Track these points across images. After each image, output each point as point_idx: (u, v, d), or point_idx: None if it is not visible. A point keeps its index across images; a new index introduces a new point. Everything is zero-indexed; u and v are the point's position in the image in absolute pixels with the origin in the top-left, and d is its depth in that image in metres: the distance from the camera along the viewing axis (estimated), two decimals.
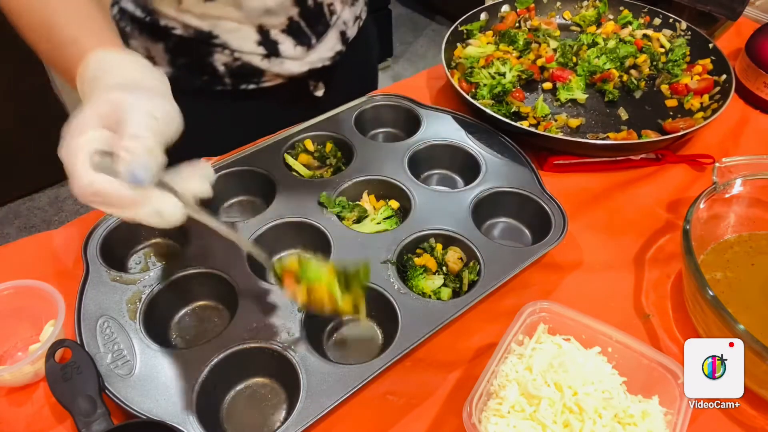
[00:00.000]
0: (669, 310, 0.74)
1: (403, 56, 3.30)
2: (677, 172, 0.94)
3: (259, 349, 0.66)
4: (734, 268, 0.75)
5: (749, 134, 1.01)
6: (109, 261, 0.75)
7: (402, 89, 1.06)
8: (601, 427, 0.54)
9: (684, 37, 1.14)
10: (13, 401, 0.65)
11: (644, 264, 0.80)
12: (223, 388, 0.66)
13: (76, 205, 2.42)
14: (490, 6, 1.21)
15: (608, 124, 1.00)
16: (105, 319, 0.68)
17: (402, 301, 0.70)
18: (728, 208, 0.78)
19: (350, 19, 1.01)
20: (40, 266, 0.77)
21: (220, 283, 0.73)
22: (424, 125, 0.97)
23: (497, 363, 0.60)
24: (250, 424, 0.63)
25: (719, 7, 1.15)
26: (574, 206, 0.86)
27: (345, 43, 1.00)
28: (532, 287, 0.77)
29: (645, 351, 0.60)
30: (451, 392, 0.66)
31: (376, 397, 0.65)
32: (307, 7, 0.92)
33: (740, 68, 1.08)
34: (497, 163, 0.90)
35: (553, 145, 0.93)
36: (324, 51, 0.97)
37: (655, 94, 1.06)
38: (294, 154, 0.92)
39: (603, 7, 1.22)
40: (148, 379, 0.63)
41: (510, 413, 0.56)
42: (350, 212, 0.83)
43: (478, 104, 0.95)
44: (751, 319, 0.68)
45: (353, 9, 1.02)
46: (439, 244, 0.79)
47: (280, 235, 0.80)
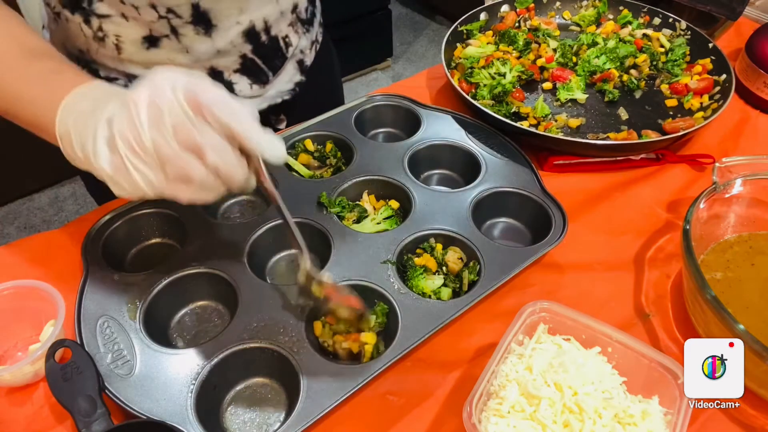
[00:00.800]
0: (669, 310, 0.74)
1: (403, 56, 3.30)
2: (677, 172, 0.94)
3: (259, 349, 0.66)
4: (734, 268, 0.75)
5: (749, 134, 1.01)
6: (109, 261, 0.75)
7: (402, 89, 1.06)
8: (601, 427, 0.54)
9: (684, 37, 1.14)
10: (13, 401, 0.65)
11: (644, 264, 0.80)
12: (223, 388, 0.66)
13: (76, 205, 2.42)
14: (490, 6, 1.21)
15: (608, 124, 1.00)
16: (105, 319, 0.68)
17: (402, 301, 0.70)
18: (728, 208, 0.78)
19: (307, 46, 0.97)
20: (40, 266, 0.77)
21: (220, 283, 0.73)
22: (424, 125, 0.97)
23: (497, 363, 0.60)
24: (250, 424, 0.63)
25: (719, 7, 1.15)
26: (574, 206, 0.86)
27: (304, 72, 0.96)
28: (532, 287, 0.77)
29: (645, 351, 0.60)
30: (451, 392, 0.66)
31: (376, 397, 0.65)
32: (261, 43, 0.87)
33: (740, 68, 1.08)
34: (497, 163, 0.90)
35: (553, 145, 0.93)
36: (282, 84, 0.93)
37: (655, 94, 1.06)
38: (294, 154, 0.92)
39: (603, 7, 1.22)
40: (148, 379, 0.63)
41: (510, 413, 0.56)
42: (350, 212, 0.83)
43: (478, 104, 0.95)
44: (751, 319, 0.68)
45: (309, 35, 0.97)
46: (439, 244, 0.79)
47: (280, 235, 0.80)
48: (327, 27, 1.13)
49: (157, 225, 0.82)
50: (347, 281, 0.72)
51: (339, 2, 2.61)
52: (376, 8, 2.84)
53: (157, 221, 0.82)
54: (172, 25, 0.77)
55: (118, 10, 0.75)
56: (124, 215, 0.80)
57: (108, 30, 0.77)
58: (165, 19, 0.76)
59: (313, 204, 0.82)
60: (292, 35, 0.92)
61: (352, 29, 2.79)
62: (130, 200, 0.79)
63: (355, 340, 0.68)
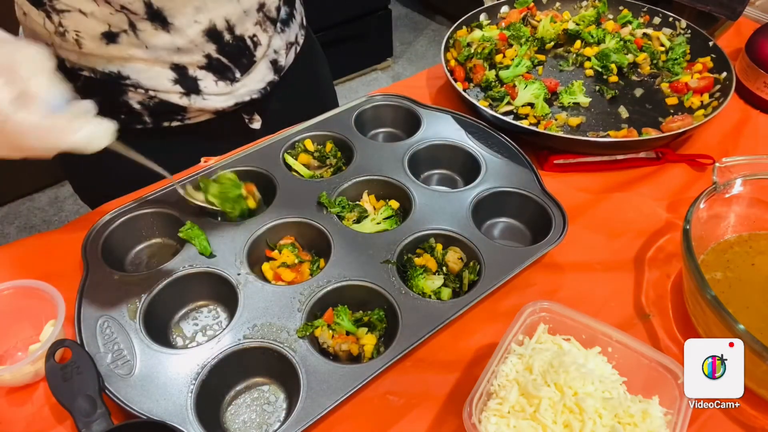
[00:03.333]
0: (669, 310, 0.74)
1: (403, 56, 3.30)
2: (677, 172, 0.94)
3: (259, 349, 0.66)
4: (734, 268, 0.75)
5: (749, 134, 1.01)
6: (109, 261, 0.75)
7: (402, 89, 1.06)
8: (601, 427, 0.54)
9: (684, 36, 1.14)
10: (13, 401, 0.65)
11: (644, 264, 0.80)
12: (223, 388, 0.66)
13: (76, 205, 2.42)
14: (490, 6, 1.21)
15: (609, 122, 1.00)
16: (105, 319, 0.68)
17: (402, 301, 0.70)
18: (728, 208, 0.78)
19: (282, 47, 0.95)
20: (40, 266, 0.77)
21: (220, 283, 0.73)
22: (424, 125, 0.97)
23: (497, 363, 0.60)
24: (250, 424, 0.63)
25: (719, 7, 1.15)
26: (574, 206, 0.86)
27: (278, 72, 0.95)
28: (532, 287, 0.77)
29: (645, 351, 0.60)
30: (451, 392, 0.66)
31: (376, 397, 0.65)
32: (225, 42, 0.85)
33: (740, 68, 1.08)
34: (497, 163, 0.90)
35: (554, 143, 0.93)
36: (253, 84, 0.92)
37: (655, 92, 1.06)
38: (294, 154, 0.92)
39: (602, 7, 1.22)
40: (148, 379, 0.63)
41: (510, 413, 0.56)
42: (350, 212, 0.83)
43: (478, 104, 0.95)
44: (751, 319, 0.68)
45: (284, 35, 0.96)
46: (439, 244, 0.79)
47: (280, 235, 0.80)
48: (327, 27, 1.12)
49: (157, 225, 0.82)
50: (347, 281, 0.72)
51: (339, 2, 2.61)
52: (376, 8, 2.84)
53: (157, 221, 0.82)
54: (130, 20, 0.78)
55: (75, 5, 0.76)
56: (124, 215, 0.80)
57: (68, 25, 0.78)
58: (122, 14, 0.77)
59: (313, 204, 0.82)
60: (261, 34, 0.89)
61: (352, 29, 2.79)
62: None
63: (354, 342, 0.68)
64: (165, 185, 0.84)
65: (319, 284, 0.72)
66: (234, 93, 0.90)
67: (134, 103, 0.86)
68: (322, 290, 0.71)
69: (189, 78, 0.86)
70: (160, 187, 0.84)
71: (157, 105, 0.87)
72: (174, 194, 0.82)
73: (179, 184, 0.81)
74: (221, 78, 0.88)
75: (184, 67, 0.85)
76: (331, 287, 0.72)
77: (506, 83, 1.03)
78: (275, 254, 0.78)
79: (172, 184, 0.81)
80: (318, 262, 0.78)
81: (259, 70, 0.92)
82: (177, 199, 0.81)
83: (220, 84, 0.88)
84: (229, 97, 0.90)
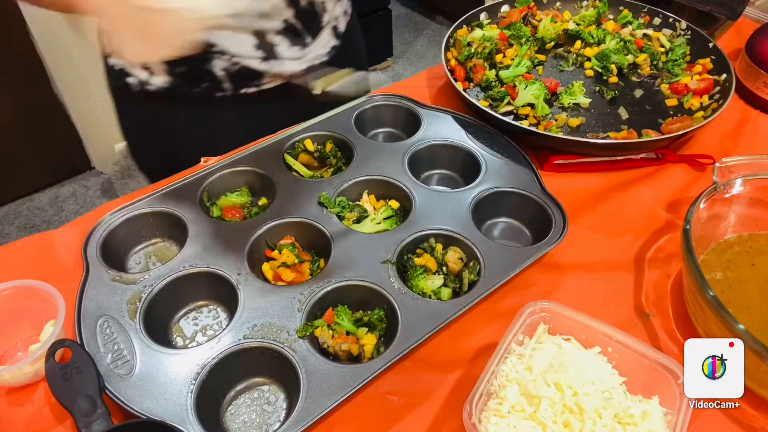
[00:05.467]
0: (669, 310, 0.74)
1: (403, 56, 3.30)
2: (677, 172, 0.94)
3: (259, 349, 0.66)
4: (734, 268, 0.75)
5: (749, 134, 1.01)
6: (109, 261, 0.75)
7: (402, 89, 1.06)
8: (601, 427, 0.54)
9: (684, 37, 1.14)
10: (13, 401, 0.65)
11: (644, 264, 0.80)
12: (223, 388, 0.66)
13: (76, 205, 2.42)
14: (490, 6, 1.21)
15: (608, 123, 1.00)
16: (105, 319, 0.68)
17: (402, 301, 0.70)
18: (728, 208, 0.78)
19: (340, 14, 1.03)
20: (40, 266, 0.77)
21: (220, 283, 0.73)
22: (424, 125, 0.97)
23: (497, 363, 0.60)
24: (250, 424, 0.63)
25: (719, 7, 1.15)
26: (574, 206, 0.86)
27: (338, 37, 1.02)
28: (532, 287, 0.77)
29: (645, 351, 0.60)
30: (451, 392, 0.66)
31: (376, 397, 0.65)
32: (301, 8, 0.93)
33: (740, 68, 1.08)
34: (497, 163, 0.90)
35: (554, 144, 0.93)
36: (320, 48, 0.98)
37: (655, 93, 1.06)
38: (294, 154, 0.92)
39: (603, 7, 1.22)
40: (148, 379, 0.63)
41: (510, 413, 0.56)
42: (350, 212, 0.83)
43: (478, 104, 0.95)
44: (751, 319, 0.68)
45: (341, 4, 1.04)
46: (439, 244, 0.79)
47: (280, 235, 0.80)
48: None
49: (157, 225, 0.82)
50: (347, 281, 0.72)
51: None
52: (376, 8, 2.84)
53: (157, 221, 0.82)
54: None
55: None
56: (124, 215, 0.80)
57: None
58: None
59: (313, 204, 0.82)
60: (328, 2, 0.98)
61: None
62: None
63: (354, 342, 0.68)
64: (165, 185, 0.84)
65: (319, 284, 0.72)
66: (305, 57, 0.96)
67: (218, 70, 0.91)
68: (322, 290, 0.71)
69: (267, 43, 0.92)
70: (160, 186, 0.84)
71: (239, 71, 0.92)
72: (176, 192, 0.83)
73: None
74: (294, 43, 0.94)
75: (264, 32, 0.90)
76: (331, 287, 0.72)
77: (506, 83, 1.03)
78: (275, 254, 0.78)
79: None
80: (318, 262, 0.78)
81: (324, 35, 0.99)
82: (177, 199, 0.81)
83: (293, 49, 0.94)
84: (302, 62, 0.96)
